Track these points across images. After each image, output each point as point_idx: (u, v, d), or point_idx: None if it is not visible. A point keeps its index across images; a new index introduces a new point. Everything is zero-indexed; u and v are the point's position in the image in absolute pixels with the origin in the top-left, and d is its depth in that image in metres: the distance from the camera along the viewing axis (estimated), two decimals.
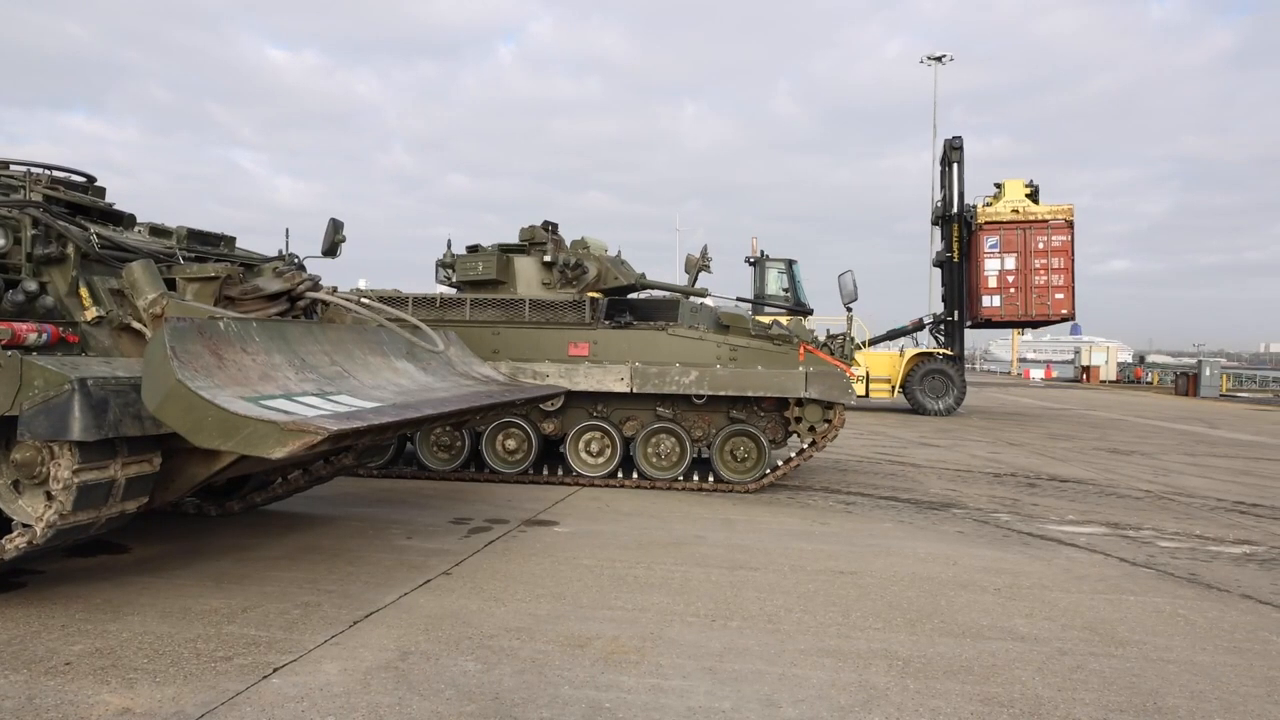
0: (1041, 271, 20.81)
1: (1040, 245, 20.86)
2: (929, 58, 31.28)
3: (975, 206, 21.57)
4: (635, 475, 9.07)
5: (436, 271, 10.38)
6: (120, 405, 4.15)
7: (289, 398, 4.33)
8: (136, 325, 4.98)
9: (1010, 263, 20.90)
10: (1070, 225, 21.04)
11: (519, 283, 9.63)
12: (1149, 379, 49.31)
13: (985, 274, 21.06)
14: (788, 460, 9.08)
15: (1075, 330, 69.90)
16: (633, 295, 9.90)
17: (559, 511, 7.50)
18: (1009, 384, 43.84)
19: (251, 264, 6.22)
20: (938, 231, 23.09)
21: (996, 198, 21.41)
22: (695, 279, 10.21)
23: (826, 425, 8.86)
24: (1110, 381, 49.66)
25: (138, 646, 4.00)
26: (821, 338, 9.44)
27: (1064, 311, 21.31)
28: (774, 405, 9.02)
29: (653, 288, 10.36)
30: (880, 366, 21.43)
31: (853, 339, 9.31)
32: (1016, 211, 21.03)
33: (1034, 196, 21.28)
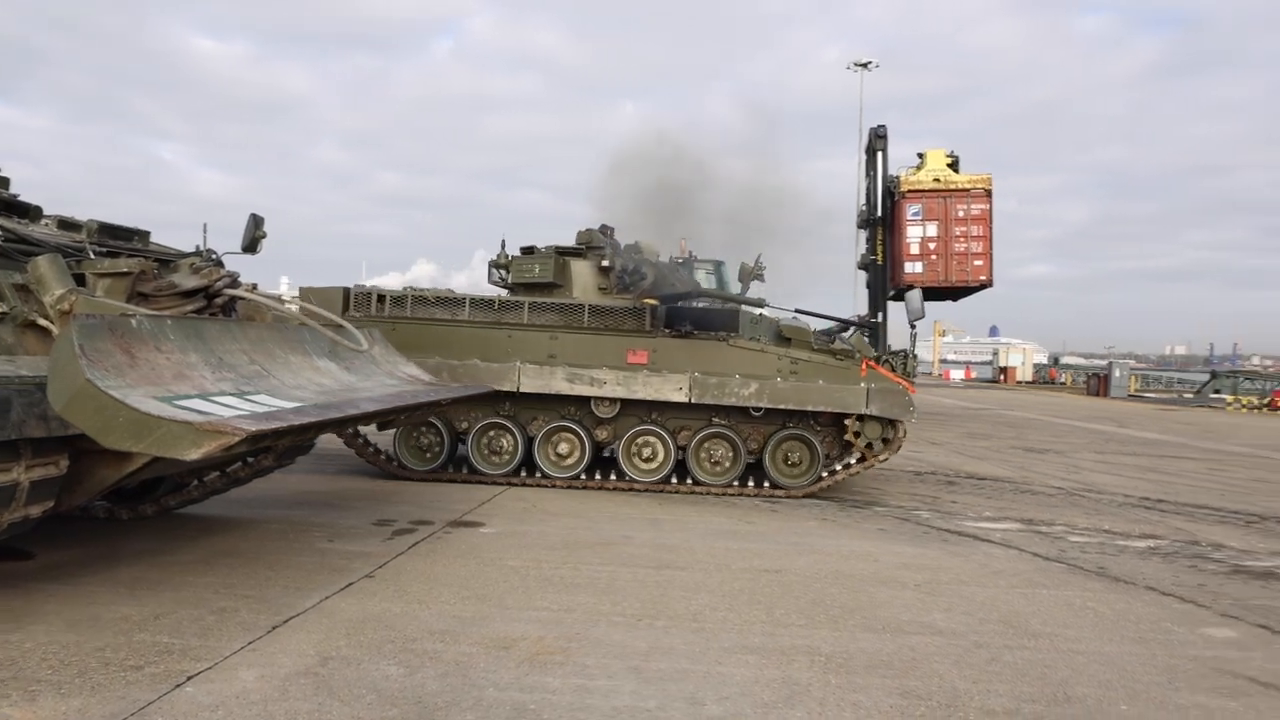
0: (961, 239, 21.30)
1: (960, 214, 21.35)
2: (856, 64, 31.86)
3: (899, 176, 21.99)
4: (689, 481, 9.01)
5: (490, 272, 10.27)
6: (25, 405, 3.99)
7: (205, 398, 4.21)
8: (43, 322, 4.79)
9: (932, 230, 21.34)
10: (989, 194, 21.56)
11: (575, 286, 9.56)
12: (1063, 380, 50.94)
13: (908, 240, 21.46)
14: (846, 465, 8.91)
15: (994, 332, 71.82)
16: (688, 304, 9.82)
17: (485, 512, 7.44)
18: (930, 385, 44.86)
19: (167, 260, 6.03)
20: (863, 235, 23.53)
21: (919, 167, 21.84)
22: (747, 287, 10.06)
23: (885, 444, 8.75)
24: (1027, 382, 51.20)
25: (41, 657, 3.84)
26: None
27: (982, 278, 21.81)
28: (832, 420, 8.89)
29: (708, 295, 10.26)
30: None
31: (915, 356, 9.21)
32: (938, 180, 21.47)
33: (955, 166, 21.77)
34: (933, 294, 23.34)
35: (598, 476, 9.07)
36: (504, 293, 9.81)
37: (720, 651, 4.26)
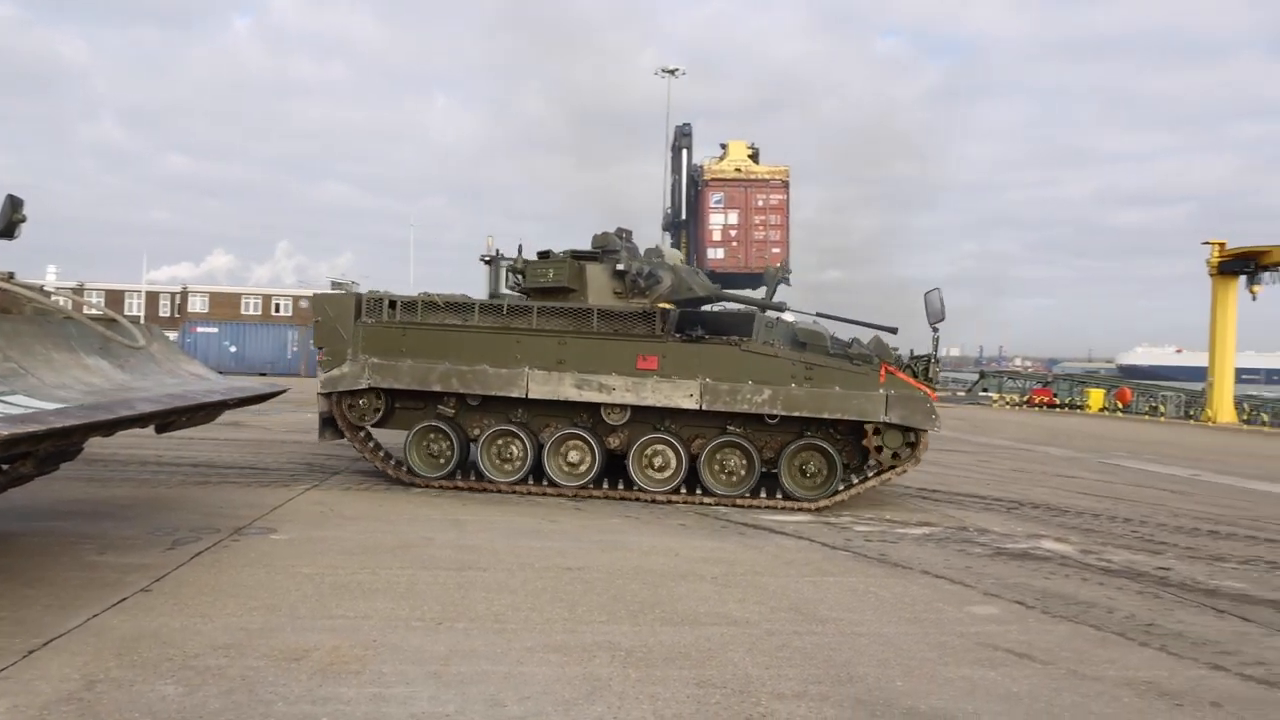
0: (761, 227, 22.26)
1: (760, 203, 22.30)
2: (664, 70, 32.60)
3: (703, 164, 22.67)
4: (699, 491, 8.71)
5: (506, 277, 9.89)
6: None
7: None
8: None
9: (733, 218, 22.17)
10: (786, 185, 22.64)
11: (590, 291, 9.21)
12: None
13: (710, 227, 22.19)
14: (863, 479, 8.62)
15: None
16: (707, 308, 9.52)
17: (278, 518, 7.09)
18: None
19: None
20: (669, 237, 24.09)
21: (722, 158, 22.59)
22: (774, 291, 9.74)
23: (910, 450, 8.38)
24: None
25: None
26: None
27: (779, 265, 22.88)
28: (851, 429, 8.55)
29: (730, 300, 9.88)
30: None
31: (938, 361, 8.72)
32: (739, 170, 22.31)
33: (755, 158, 22.68)
34: (732, 281, 24.17)
35: (605, 486, 8.84)
36: (523, 298, 9.59)
37: (522, 651, 4.25)
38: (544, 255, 9.60)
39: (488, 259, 22.72)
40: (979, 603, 5.53)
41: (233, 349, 37.51)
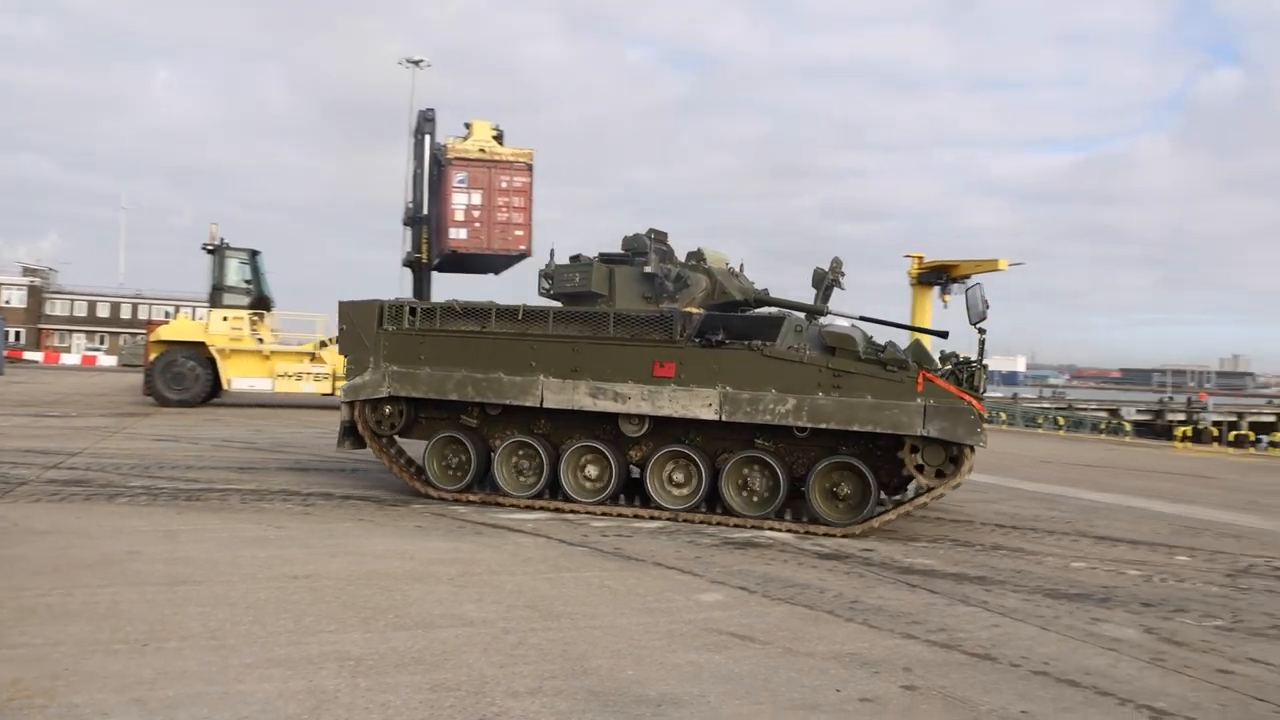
0: (504, 209, 22.12)
1: (504, 185, 22.16)
2: (409, 60, 31.68)
3: (446, 143, 22.26)
4: (720, 510, 8.00)
5: (539, 283, 9.13)
6: None
7: None
8: None
9: (477, 199, 21.89)
10: (530, 169, 22.66)
11: (619, 295, 8.47)
12: None
13: (453, 207, 21.81)
14: (896, 502, 8.02)
15: None
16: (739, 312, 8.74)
17: None
18: None
19: None
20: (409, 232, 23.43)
21: (466, 137, 22.29)
22: (827, 295, 8.85)
23: (953, 468, 7.53)
24: None
25: None
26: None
27: (522, 248, 22.84)
28: (890, 444, 7.70)
29: (773, 304, 9.07)
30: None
31: (985, 366, 7.86)
32: (483, 151, 22.10)
33: (500, 139, 22.56)
34: (475, 264, 23.92)
35: (621, 500, 8.27)
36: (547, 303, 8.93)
37: (241, 668, 3.98)
38: (575, 259, 9.14)
39: (210, 248, 21.22)
40: (706, 590, 5.81)
41: None
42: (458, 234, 21.95)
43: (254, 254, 21.38)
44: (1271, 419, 29.76)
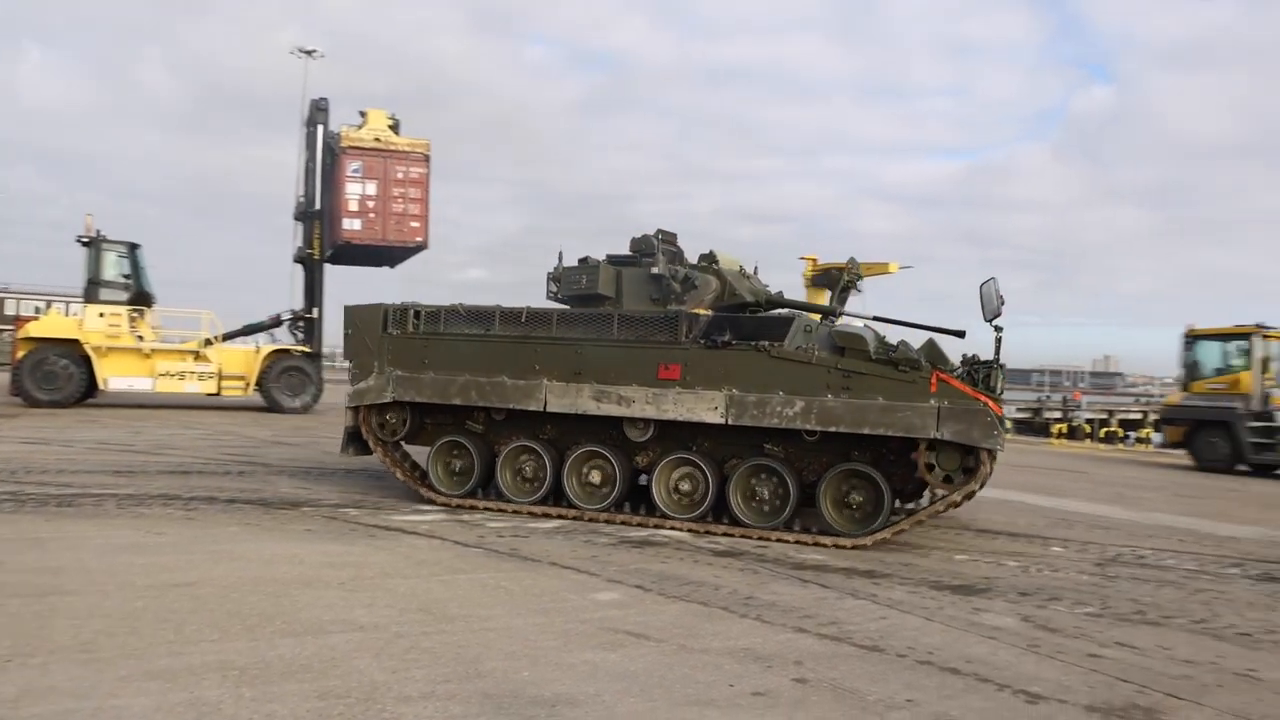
0: (400, 200, 21.68)
1: (400, 175, 21.71)
2: (301, 50, 30.68)
3: (340, 131, 21.71)
4: (726, 520, 7.68)
5: (547, 286, 8.86)
6: None
7: None
8: None
9: (371, 189, 21.40)
10: (427, 159, 22.25)
11: (626, 298, 8.15)
12: None
13: (347, 197, 21.28)
14: (909, 511, 7.79)
15: None
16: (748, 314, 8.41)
17: None
18: None
19: None
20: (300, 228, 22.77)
21: (361, 126, 21.78)
22: (844, 296, 8.68)
23: (966, 474, 7.25)
24: None
25: None
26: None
27: (419, 239, 22.43)
28: (904, 448, 7.48)
29: (786, 306, 8.77)
30: (235, 363, 20.46)
31: (1001, 366, 7.63)
32: (379, 140, 21.62)
33: (395, 129, 22.10)
34: (371, 256, 23.39)
35: (626, 508, 8.01)
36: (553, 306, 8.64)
37: (116, 682, 3.80)
38: (582, 262, 8.87)
39: (86, 240, 20.21)
40: (602, 589, 5.82)
41: None
42: (351, 225, 21.42)
43: (133, 247, 20.44)
44: (1139, 416, 31.47)
